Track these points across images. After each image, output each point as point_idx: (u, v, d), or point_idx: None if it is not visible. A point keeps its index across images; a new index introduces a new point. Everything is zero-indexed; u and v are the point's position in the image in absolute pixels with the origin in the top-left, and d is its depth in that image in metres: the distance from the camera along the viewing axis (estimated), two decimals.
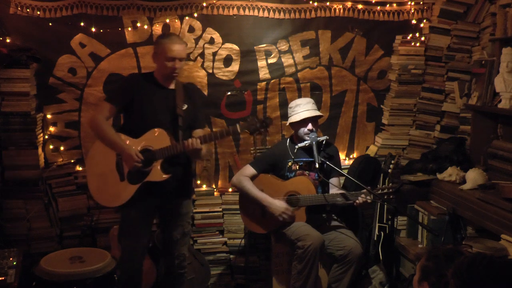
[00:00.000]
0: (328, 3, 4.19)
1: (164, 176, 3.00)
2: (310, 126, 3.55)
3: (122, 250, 3.15)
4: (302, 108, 3.56)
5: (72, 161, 4.04)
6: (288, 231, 3.48)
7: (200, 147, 2.96)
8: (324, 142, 3.64)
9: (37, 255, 3.68)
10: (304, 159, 3.62)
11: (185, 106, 3.13)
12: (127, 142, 3.05)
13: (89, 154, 3.23)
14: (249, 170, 3.64)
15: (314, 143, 3.49)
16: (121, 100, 3.10)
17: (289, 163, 3.63)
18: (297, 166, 3.63)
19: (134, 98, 3.08)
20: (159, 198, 3.11)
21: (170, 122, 3.08)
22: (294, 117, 3.57)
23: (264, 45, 4.20)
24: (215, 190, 4.32)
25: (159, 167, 3.00)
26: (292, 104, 3.65)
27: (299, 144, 3.60)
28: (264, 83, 4.27)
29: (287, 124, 3.68)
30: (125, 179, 3.05)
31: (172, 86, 3.16)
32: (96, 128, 3.08)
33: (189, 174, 3.25)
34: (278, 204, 3.49)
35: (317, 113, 3.60)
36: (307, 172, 3.62)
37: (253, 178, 3.63)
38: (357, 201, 3.34)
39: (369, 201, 3.35)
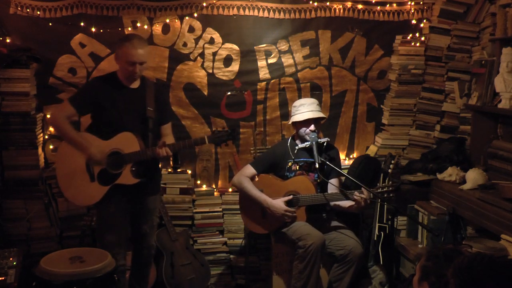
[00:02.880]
0: (328, 3, 4.19)
1: (134, 180, 3.05)
2: (312, 127, 3.55)
3: (104, 246, 3.10)
4: (306, 109, 3.56)
5: None
6: (289, 231, 3.48)
7: (170, 155, 3.04)
8: (325, 144, 3.64)
9: (37, 255, 3.67)
10: (304, 159, 3.62)
11: (154, 106, 3.15)
12: (95, 142, 3.05)
13: (58, 152, 3.23)
14: (250, 170, 3.64)
15: (314, 143, 3.49)
16: (81, 105, 3.09)
17: (289, 163, 3.63)
18: (297, 166, 3.63)
19: (98, 102, 3.07)
20: (130, 195, 3.16)
21: (138, 124, 3.10)
22: (298, 117, 3.56)
23: (264, 45, 4.20)
24: (215, 190, 4.32)
25: (129, 171, 3.04)
26: (296, 103, 3.65)
27: (299, 145, 3.60)
28: (264, 83, 4.27)
29: (289, 122, 3.69)
30: (96, 180, 3.07)
31: (135, 85, 3.16)
32: (57, 127, 3.15)
33: (156, 173, 3.33)
34: (278, 206, 3.49)
35: (321, 114, 3.59)
36: (306, 172, 3.62)
37: (253, 178, 3.64)
38: (355, 197, 3.33)
39: (368, 201, 3.35)
